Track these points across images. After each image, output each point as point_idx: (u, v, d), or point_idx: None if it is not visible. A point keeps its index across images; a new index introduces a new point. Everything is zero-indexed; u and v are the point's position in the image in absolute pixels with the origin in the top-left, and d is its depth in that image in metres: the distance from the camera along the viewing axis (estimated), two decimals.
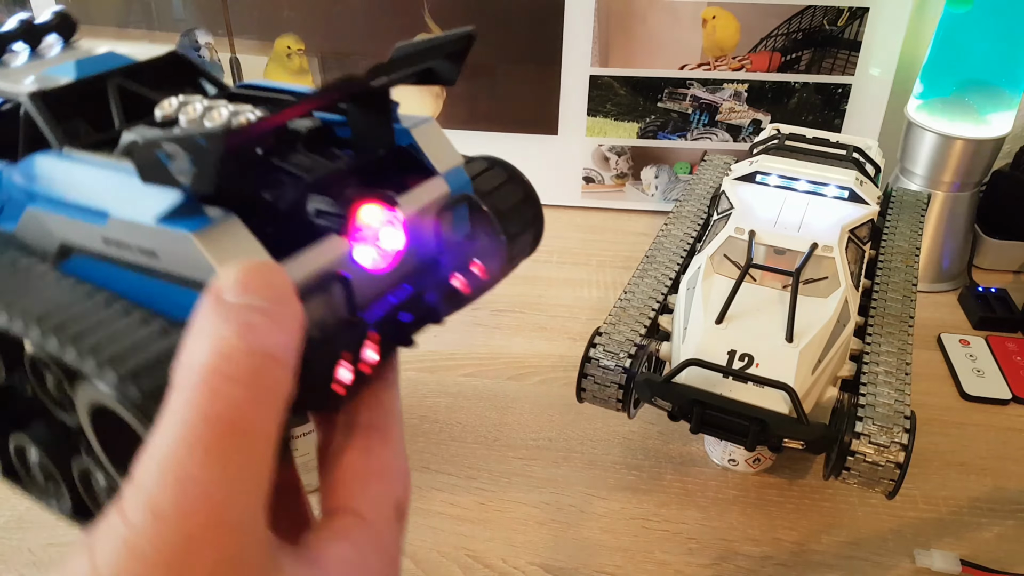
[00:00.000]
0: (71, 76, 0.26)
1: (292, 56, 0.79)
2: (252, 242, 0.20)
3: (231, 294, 0.17)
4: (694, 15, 0.73)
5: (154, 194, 0.20)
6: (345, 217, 0.21)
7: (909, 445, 0.41)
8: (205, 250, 0.19)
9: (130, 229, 0.20)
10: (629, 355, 0.46)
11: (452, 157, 0.27)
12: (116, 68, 0.27)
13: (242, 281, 0.17)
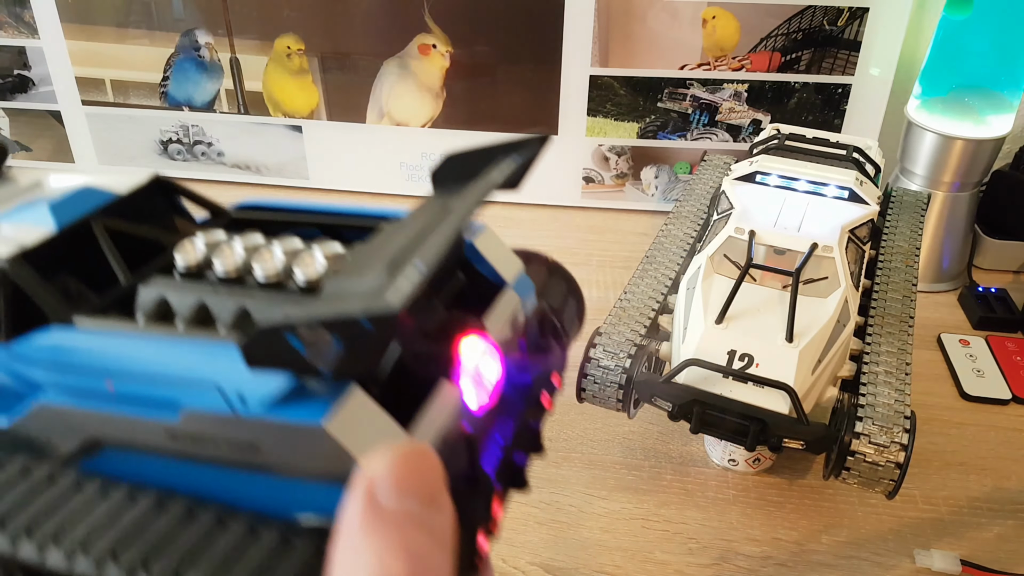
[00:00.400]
0: (51, 226, 0.22)
1: (292, 56, 0.79)
2: (380, 416, 0.17)
3: (387, 496, 0.15)
4: (694, 15, 0.73)
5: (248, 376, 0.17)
6: (450, 358, 0.19)
7: (909, 445, 0.41)
8: (343, 440, 0.16)
9: (218, 422, 0.17)
10: (629, 355, 0.46)
11: (512, 262, 0.24)
12: (99, 207, 0.23)
13: (398, 479, 0.15)
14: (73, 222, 0.22)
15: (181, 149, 0.86)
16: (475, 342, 0.19)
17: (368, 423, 0.17)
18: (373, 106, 0.81)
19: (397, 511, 0.15)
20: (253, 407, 0.17)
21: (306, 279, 0.20)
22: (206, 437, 0.17)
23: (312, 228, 0.24)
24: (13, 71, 0.84)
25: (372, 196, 0.86)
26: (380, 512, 0.15)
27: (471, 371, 0.19)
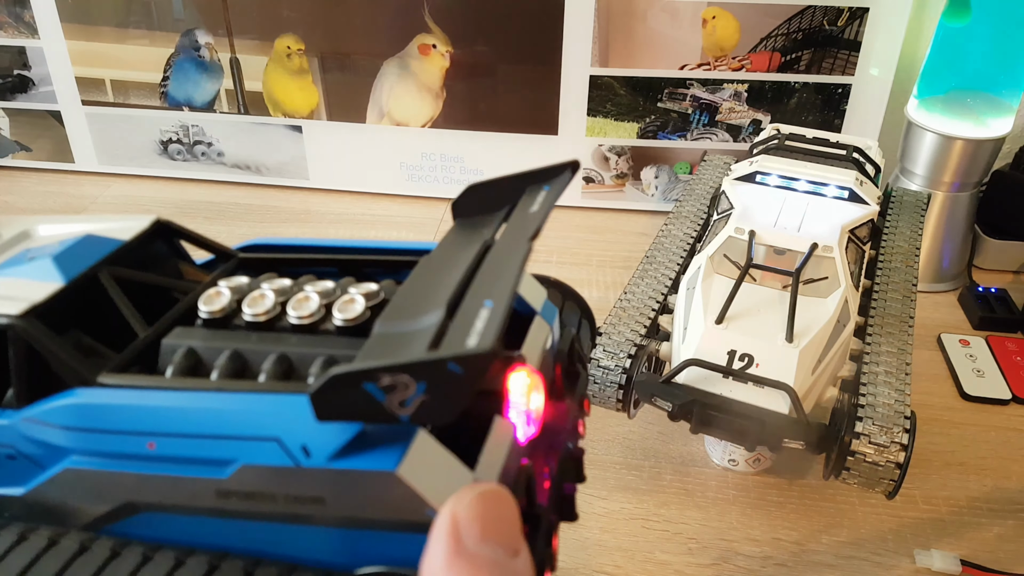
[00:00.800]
0: (59, 280, 0.21)
1: (292, 56, 0.79)
2: (448, 458, 0.17)
3: (473, 541, 0.15)
4: (694, 15, 0.73)
5: (311, 427, 0.16)
6: (501, 393, 0.19)
7: (909, 445, 0.41)
8: (416, 485, 0.16)
9: (278, 477, 0.16)
10: (629, 355, 0.46)
11: (537, 290, 0.24)
12: (105, 256, 0.22)
13: (483, 524, 0.15)
14: (81, 274, 0.21)
15: (181, 149, 0.86)
16: (522, 375, 0.19)
17: (438, 466, 0.17)
18: (373, 106, 0.81)
19: (482, 556, 0.15)
20: (318, 459, 0.16)
21: (345, 320, 0.19)
22: (262, 493, 0.17)
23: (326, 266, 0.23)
24: (13, 71, 0.84)
25: (372, 196, 0.86)
26: (466, 556, 0.15)
27: (519, 405, 0.19)
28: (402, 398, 0.15)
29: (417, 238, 0.78)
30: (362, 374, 0.15)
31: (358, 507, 0.16)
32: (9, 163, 0.89)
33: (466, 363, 0.14)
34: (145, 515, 0.18)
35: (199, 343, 0.19)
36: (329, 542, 0.17)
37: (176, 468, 0.17)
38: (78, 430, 0.18)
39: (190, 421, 0.17)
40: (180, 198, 0.85)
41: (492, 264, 0.19)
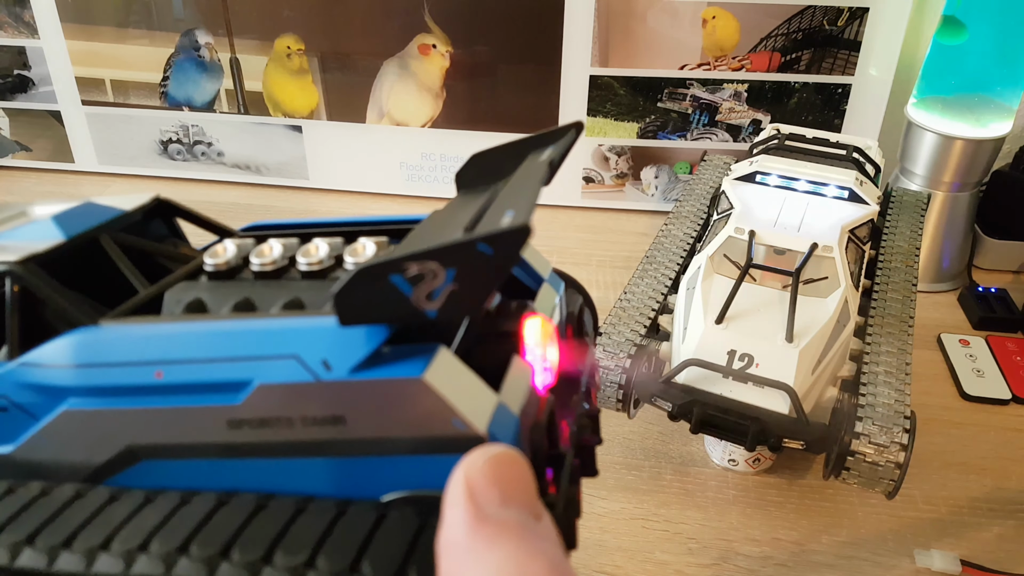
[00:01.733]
0: (59, 236, 0.21)
1: (292, 56, 0.79)
2: (470, 376, 0.17)
3: (492, 505, 0.15)
4: (694, 15, 0.73)
5: (332, 341, 0.16)
6: (516, 336, 0.19)
7: (909, 445, 0.41)
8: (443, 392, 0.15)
9: (296, 395, 0.16)
10: (629, 355, 0.46)
11: (543, 261, 0.24)
12: (107, 221, 0.22)
13: (500, 487, 0.15)
14: (81, 233, 0.21)
15: (181, 149, 0.86)
16: (537, 322, 0.19)
17: (462, 380, 0.16)
18: (373, 106, 0.81)
19: (506, 520, 0.15)
20: (340, 371, 0.16)
21: (356, 264, 0.19)
22: (277, 418, 0.16)
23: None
24: (13, 71, 0.84)
25: (372, 196, 0.86)
26: (490, 521, 0.14)
27: (536, 351, 0.19)
28: (430, 289, 0.15)
29: None
30: (389, 264, 0.14)
31: (380, 424, 0.16)
32: (9, 163, 0.89)
33: (497, 242, 0.14)
34: (146, 464, 0.17)
35: (205, 293, 0.19)
36: (345, 472, 0.16)
37: (184, 398, 0.17)
38: (80, 366, 0.17)
39: (201, 345, 0.17)
40: (180, 198, 0.84)
41: (505, 193, 0.18)
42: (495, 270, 0.14)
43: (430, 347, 0.16)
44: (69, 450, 0.18)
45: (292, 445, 0.16)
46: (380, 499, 0.16)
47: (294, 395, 0.16)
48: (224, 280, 0.20)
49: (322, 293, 0.18)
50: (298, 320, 0.17)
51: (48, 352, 0.18)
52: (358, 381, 0.16)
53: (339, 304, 0.15)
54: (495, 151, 0.22)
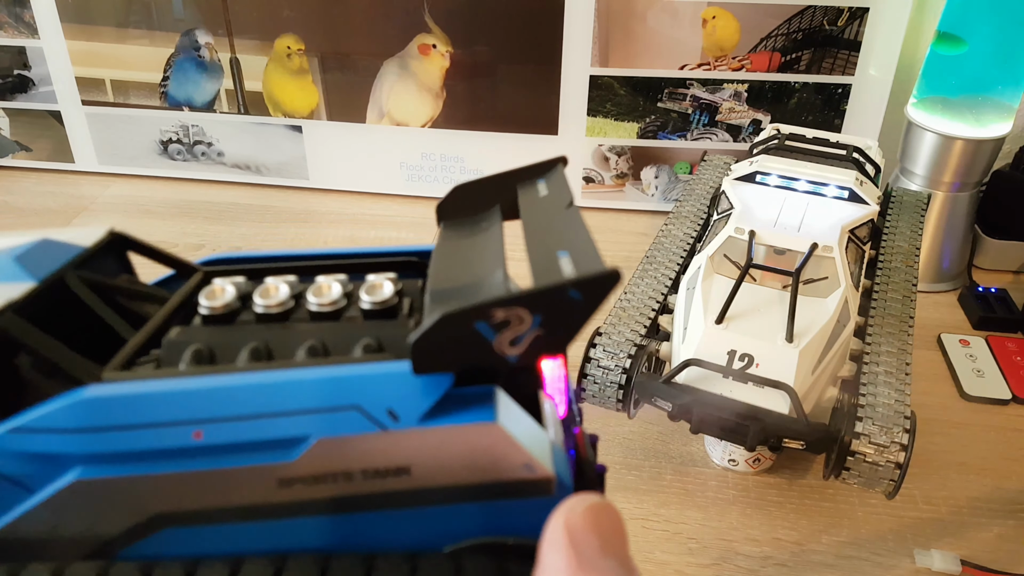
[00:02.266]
0: (29, 280, 0.18)
1: (292, 56, 0.79)
2: (526, 417, 0.16)
3: (592, 553, 0.15)
4: (694, 15, 0.73)
5: (396, 391, 0.15)
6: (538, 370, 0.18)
7: (909, 445, 0.41)
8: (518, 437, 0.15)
9: (360, 447, 0.15)
10: (629, 355, 0.46)
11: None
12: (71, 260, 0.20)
13: (599, 536, 0.15)
14: (50, 275, 0.19)
15: (181, 149, 0.86)
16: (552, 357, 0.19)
17: (520, 423, 0.16)
18: (373, 106, 0.81)
19: (605, 570, 0.14)
20: (408, 420, 0.15)
21: (374, 303, 0.18)
22: (336, 473, 0.15)
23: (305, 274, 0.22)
24: (13, 71, 0.84)
25: (372, 196, 0.86)
26: (591, 570, 0.14)
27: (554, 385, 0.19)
28: (514, 335, 0.14)
29: (417, 238, 0.78)
30: (475, 310, 0.14)
31: (447, 472, 0.15)
32: (9, 163, 0.89)
33: (589, 287, 0.14)
34: (168, 532, 0.16)
35: (208, 339, 0.17)
36: (409, 524, 0.16)
37: (229, 459, 0.15)
38: (92, 430, 0.15)
39: (251, 399, 0.15)
40: (180, 198, 0.85)
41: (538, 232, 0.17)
42: (581, 315, 0.14)
43: (487, 389, 0.16)
44: (74, 523, 0.16)
45: (349, 500, 0.15)
46: (443, 549, 0.16)
47: (357, 448, 0.15)
48: (223, 325, 0.18)
49: (341, 335, 0.17)
50: (356, 368, 0.16)
51: (48, 415, 0.15)
52: (428, 429, 0.15)
53: (417, 350, 0.14)
54: (479, 183, 0.21)
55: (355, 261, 0.21)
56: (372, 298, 0.18)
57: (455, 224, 0.21)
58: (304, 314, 0.18)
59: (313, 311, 0.18)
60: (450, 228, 0.21)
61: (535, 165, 0.21)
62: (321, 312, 0.18)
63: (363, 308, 0.18)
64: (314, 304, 0.18)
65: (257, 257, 0.22)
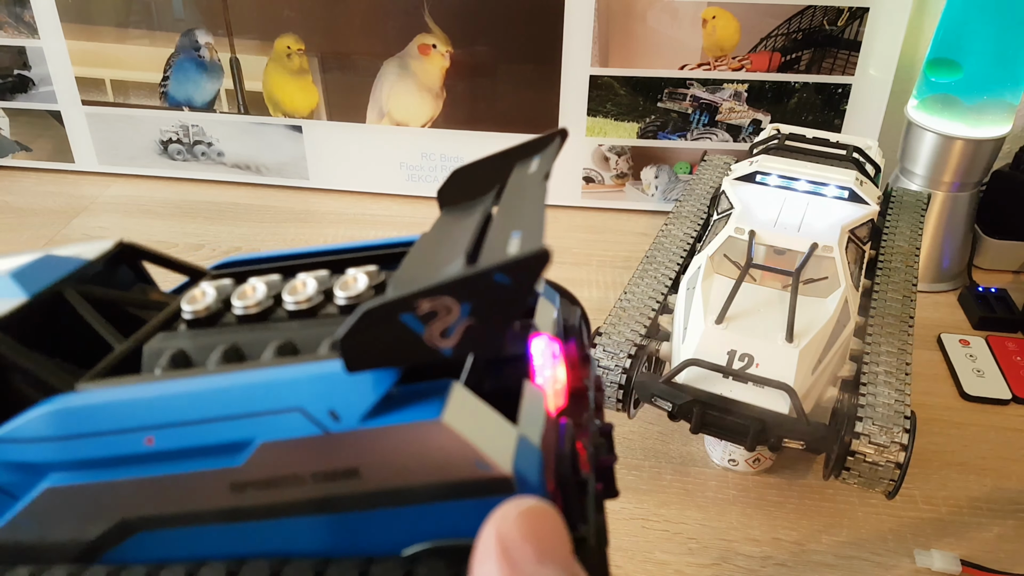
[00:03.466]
0: (21, 295, 0.19)
1: (292, 56, 0.79)
2: (488, 411, 0.16)
3: (527, 562, 0.14)
4: (694, 15, 0.73)
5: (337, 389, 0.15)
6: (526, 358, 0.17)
7: (909, 445, 0.41)
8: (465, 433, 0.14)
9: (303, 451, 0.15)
10: (629, 355, 0.46)
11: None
12: (69, 274, 0.20)
13: (535, 543, 0.14)
14: (44, 289, 0.19)
15: (181, 149, 0.86)
16: (543, 340, 0.18)
17: (480, 418, 0.15)
18: (373, 106, 0.81)
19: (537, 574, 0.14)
20: (349, 421, 0.15)
21: (348, 298, 0.18)
22: (285, 477, 0.15)
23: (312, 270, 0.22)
24: (13, 71, 0.84)
25: (372, 196, 0.86)
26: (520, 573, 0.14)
27: (545, 373, 0.18)
28: (444, 326, 0.14)
29: None
30: (398, 303, 0.13)
31: (397, 473, 0.15)
32: (9, 163, 0.89)
33: (514, 270, 0.13)
34: (142, 536, 0.16)
35: (187, 343, 0.18)
36: (365, 527, 0.15)
37: (180, 464, 0.15)
38: (59, 439, 0.16)
39: (195, 405, 0.15)
40: (180, 198, 0.85)
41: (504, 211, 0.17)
42: (514, 300, 0.13)
43: (442, 384, 0.15)
44: (56, 529, 0.16)
45: (304, 503, 0.15)
46: (401, 553, 0.15)
47: (302, 451, 0.15)
48: (205, 328, 0.18)
49: (315, 332, 0.17)
50: (298, 368, 0.15)
51: (22, 426, 0.16)
52: (371, 429, 0.15)
53: (345, 349, 0.14)
54: (477, 165, 0.21)
55: (364, 255, 0.21)
56: (346, 293, 0.18)
57: (451, 210, 0.21)
58: (283, 312, 0.18)
59: (291, 310, 0.18)
60: (445, 214, 0.21)
61: (533, 141, 0.21)
62: (298, 310, 0.18)
63: (338, 304, 0.18)
64: (290, 303, 0.18)
65: (268, 257, 0.22)
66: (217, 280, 0.20)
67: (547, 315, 0.20)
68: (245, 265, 0.22)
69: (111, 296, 0.21)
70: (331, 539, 0.15)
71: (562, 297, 0.23)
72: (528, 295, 0.14)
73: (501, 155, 0.21)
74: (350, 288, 0.18)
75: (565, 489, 0.16)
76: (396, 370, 0.15)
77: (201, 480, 0.15)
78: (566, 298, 0.24)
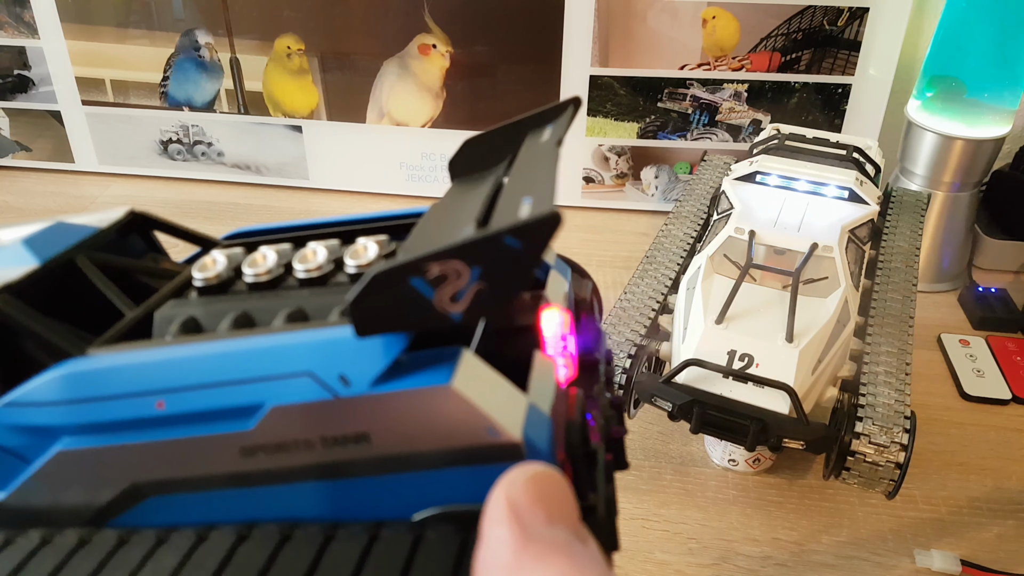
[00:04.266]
0: (33, 261, 0.19)
1: (292, 56, 0.79)
2: (498, 379, 0.16)
3: (538, 524, 0.14)
4: (694, 15, 0.73)
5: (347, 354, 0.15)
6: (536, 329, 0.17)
7: (909, 445, 0.41)
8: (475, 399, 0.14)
9: (314, 416, 0.15)
10: (629, 355, 0.46)
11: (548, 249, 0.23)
12: (81, 241, 0.20)
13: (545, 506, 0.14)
14: (56, 256, 0.19)
15: (181, 149, 0.86)
16: (555, 314, 0.18)
17: (490, 385, 0.15)
18: (373, 106, 0.81)
19: (555, 540, 0.14)
20: (360, 386, 0.14)
21: (358, 267, 0.18)
22: (295, 441, 0.15)
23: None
24: (13, 71, 0.84)
25: (372, 196, 0.86)
26: (538, 541, 0.13)
27: (555, 343, 0.18)
28: (454, 290, 0.13)
29: None
30: (408, 267, 0.13)
31: (407, 439, 0.15)
32: (9, 163, 0.89)
33: (526, 233, 0.13)
34: (154, 500, 0.16)
35: (198, 310, 0.18)
36: (376, 492, 0.15)
37: (191, 428, 0.15)
38: (71, 403, 0.16)
39: (206, 369, 0.15)
40: (180, 198, 0.85)
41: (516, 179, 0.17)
42: (524, 265, 0.13)
43: (452, 350, 0.15)
44: (67, 493, 0.16)
45: (313, 468, 0.15)
46: (411, 518, 0.15)
47: (312, 415, 0.15)
48: (216, 295, 0.18)
49: (326, 301, 0.17)
50: (309, 333, 0.15)
51: (35, 389, 0.16)
52: (381, 394, 0.15)
53: (355, 313, 0.14)
54: (490, 135, 0.21)
55: (374, 225, 0.21)
56: (357, 262, 0.18)
57: (462, 180, 0.21)
58: (294, 281, 0.18)
59: (301, 278, 0.18)
60: (457, 184, 0.21)
61: (546, 109, 0.20)
62: (309, 278, 0.18)
63: (348, 272, 0.18)
64: (301, 271, 0.18)
65: (278, 228, 0.22)
66: (228, 249, 0.20)
67: (558, 287, 0.20)
68: (256, 236, 0.22)
69: (122, 264, 0.21)
70: (341, 504, 0.15)
71: (574, 271, 0.23)
72: (539, 259, 0.13)
73: (513, 125, 0.20)
74: (360, 256, 0.18)
75: (575, 458, 0.16)
76: (406, 336, 0.15)
77: (211, 444, 0.15)
78: (577, 272, 0.24)
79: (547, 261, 0.21)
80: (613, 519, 0.16)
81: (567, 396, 0.17)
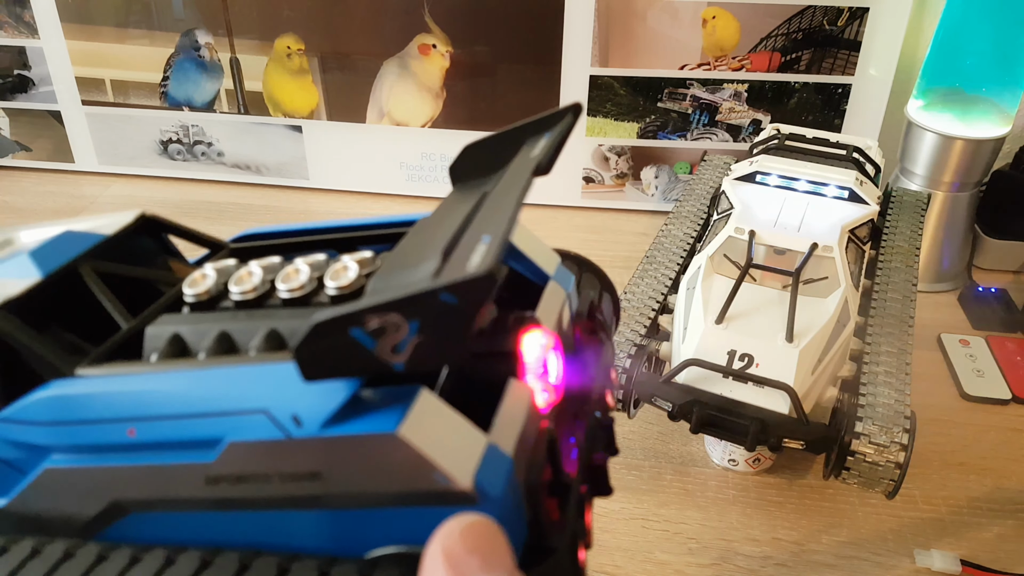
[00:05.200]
0: (36, 274, 0.20)
1: (292, 56, 0.79)
2: (455, 419, 0.16)
3: (475, 571, 0.14)
4: (694, 15, 0.73)
5: (300, 394, 0.15)
6: (514, 355, 0.17)
7: (909, 445, 0.41)
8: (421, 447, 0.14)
9: (269, 453, 0.15)
10: (629, 355, 0.46)
11: (549, 256, 0.22)
12: (85, 251, 0.21)
13: (480, 555, 0.14)
14: (59, 268, 0.20)
15: (181, 149, 0.86)
16: (536, 337, 0.18)
17: (446, 428, 0.15)
18: (373, 106, 0.81)
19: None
20: (310, 427, 0.15)
21: (338, 288, 0.18)
22: (254, 474, 0.15)
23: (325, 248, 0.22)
24: (13, 71, 0.84)
25: (372, 196, 0.86)
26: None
27: (535, 368, 0.18)
28: (394, 342, 0.14)
29: None
30: (346, 318, 0.13)
31: (358, 480, 0.15)
32: (9, 163, 0.89)
33: (460, 291, 0.13)
34: (135, 517, 0.17)
35: (185, 327, 0.18)
36: (331, 526, 0.16)
37: (160, 455, 0.16)
38: (56, 424, 0.17)
39: (169, 401, 0.16)
40: (180, 198, 0.85)
41: (490, 204, 0.17)
42: (462, 319, 0.13)
43: (409, 391, 0.15)
44: (58, 504, 0.17)
45: (273, 500, 0.16)
46: (366, 555, 0.16)
47: (266, 452, 0.15)
48: (205, 311, 0.19)
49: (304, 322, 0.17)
50: (267, 369, 0.16)
51: (22, 409, 0.17)
52: (330, 438, 0.15)
53: (300, 359, 0.14)
54: (489, 141, 0.21)
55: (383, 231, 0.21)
56: (336, 283, 0.18)
57: (459, 188, 0.21)
58: (278, 299, 0.19)
59: (284, 298, 0.18)
60: (453, 192, 0.21)
61: (546, 116, 0.20)
62: (291, 298, 0.18)
63: (328, 294, 0.18)
64: (283, 290, 0.18)
65: (286, 231, 0.22)
66: (221, 261, 0.20)
67: (553, 303, 0.20)
68: (263, 239, 0.22)
69: (128, 272, 0.21)
70: (300, 535, 0.16)
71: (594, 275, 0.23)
72: (476, 314, 0.13)
73: (514, 131, 0.21)
74: (340, 278, 0.18)
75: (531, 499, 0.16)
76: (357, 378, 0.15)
77: (180, 472, 0.16)
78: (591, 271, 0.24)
79: (546, 272, 0.21)
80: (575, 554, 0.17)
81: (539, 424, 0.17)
